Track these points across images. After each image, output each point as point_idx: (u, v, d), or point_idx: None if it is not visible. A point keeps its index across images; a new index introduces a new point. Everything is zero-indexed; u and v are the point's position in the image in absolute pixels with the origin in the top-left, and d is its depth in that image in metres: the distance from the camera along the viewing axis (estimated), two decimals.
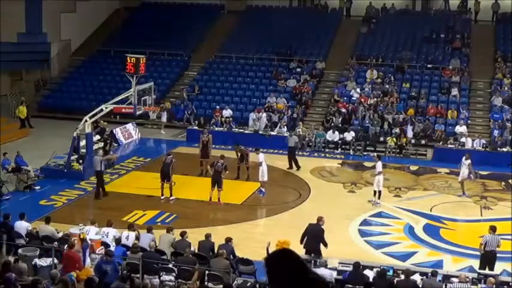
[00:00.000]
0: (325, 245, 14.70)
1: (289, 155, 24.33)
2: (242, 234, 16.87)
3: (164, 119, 30.13)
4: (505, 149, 25.89)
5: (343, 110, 29.56)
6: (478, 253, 16.48)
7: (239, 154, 22.59)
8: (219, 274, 12.81)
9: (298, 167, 24.02)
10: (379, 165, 20.18)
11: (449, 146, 26.33)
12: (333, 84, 33.03)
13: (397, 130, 27.62)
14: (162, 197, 20.06)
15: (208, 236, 14.46)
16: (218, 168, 19.69)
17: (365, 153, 26.82)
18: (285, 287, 4.08)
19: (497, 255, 16.21)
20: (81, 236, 13.56)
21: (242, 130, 28.21)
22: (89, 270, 12.88)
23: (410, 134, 27.53)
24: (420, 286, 12.56)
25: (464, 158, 21.35)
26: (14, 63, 32.84)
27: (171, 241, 14.48)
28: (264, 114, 28.98)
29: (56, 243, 14.18)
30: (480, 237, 15.27)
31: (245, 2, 39.76)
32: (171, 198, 20.05)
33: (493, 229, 15.10)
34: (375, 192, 20.04)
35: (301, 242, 14.67)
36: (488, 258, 14.64)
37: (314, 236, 14.68)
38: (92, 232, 14.43)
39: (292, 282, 4.07)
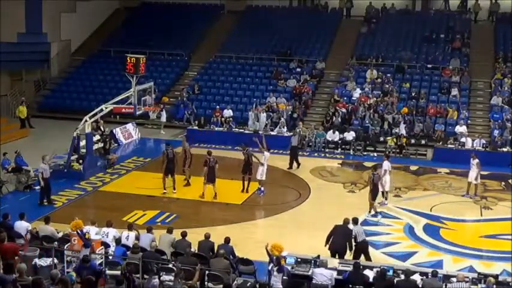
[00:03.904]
0: (351, 248, 14.78)
1: (292, 154, 24.35)
2: (242, 234, 16.87)
3: (164, 119, 30.18)
4: (505, 149, 25.90)
5: (343, 110, 29.57)
6: (479, 253, 16.60)
7: (245, 158, 21.03)
8: (219, 274, 12.81)
9: (299, 165, 24.14)
10: (386, 164, 20.13)
11: (449, 146, 26.36)
12: (333, 84, 33.05)
13: (397, 130, 27.65)
14: (164, 190, 20.48)
15: (208, 236, 14.44)
16: (211, 164, 19.94)
17: (365, 153, 26.84)
18: None
19: (496, 255, 16.36)
20: (86, 236, 13.56)
21: (242, 130, 28.23)
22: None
23: (403, 131, 27.52)
24: (420, 286, 12.54)
25: (471, 158, 21.39)
26: (14, 63, 32.82)
27: (171, 241, 14.46)
28: (264, 114, 29.01)
29: (56, 243, 14.17)
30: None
31: (245, 2, 39.79)
32: (174, 190, 20.61)
33: (354, 221, 15.22)
34: (382, 192, 20.03)
35: (327, 243, 14.75)
36: (362, 248, 14.91)
37: (344, 235, 14.75)
38: (92, 232, 14.41)
39: None
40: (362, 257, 14.81)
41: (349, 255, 14.66)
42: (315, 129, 28.06)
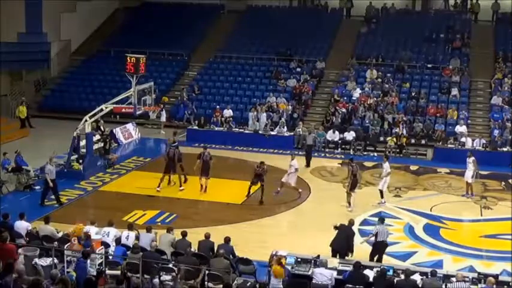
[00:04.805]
0: (352, 250, 14.84)
1: (307, 153, 24.80)
2: (242, 234, 16.88)
3: (163, 118, 30.17)
4: (505, 149, 25.92)
5: (343, 110, 29.57)
6: (479, 253, 16.60)
7: (258, 171, 20.31)
8: (219, 274, 12.81)
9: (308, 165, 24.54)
10: (386, 166, 20.15)
11: (449, 146, 26.37)
12: (333, 84, 33.05)
13: (397, 130, 27.65)
14: (158, 188, 20.64)
15: (208, 236, 14.45)
16: (206, 158, 20.40)
17: (365, 153, 26.84)
18: None
19: (496, 255, 16.39)
20: (90, 235, 13.58)
21: (242, 130, 28.24)
22: None
23: (403, 131, 27.50)
24: (420, 286, 12.55)
25: (467, 157, 21.44)
26: (14, 63, 32.86)
27: (171, 241, 14.47)
28: (264, 114, 29.00)
29: (55, 243, 14.17)
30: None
31: (245, 2, 39.80)
32: (181, 188, 20.91)
33: (381, 220, 15.54)
34: (381, 192, 20.08)
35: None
36: (379, 248, 15.06)
37: (346, 236, 14.82)
38: (92, 232, 14.42)
39: None
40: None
41: (350, 257, 14.67)
42: (315, 129, 28.05)
